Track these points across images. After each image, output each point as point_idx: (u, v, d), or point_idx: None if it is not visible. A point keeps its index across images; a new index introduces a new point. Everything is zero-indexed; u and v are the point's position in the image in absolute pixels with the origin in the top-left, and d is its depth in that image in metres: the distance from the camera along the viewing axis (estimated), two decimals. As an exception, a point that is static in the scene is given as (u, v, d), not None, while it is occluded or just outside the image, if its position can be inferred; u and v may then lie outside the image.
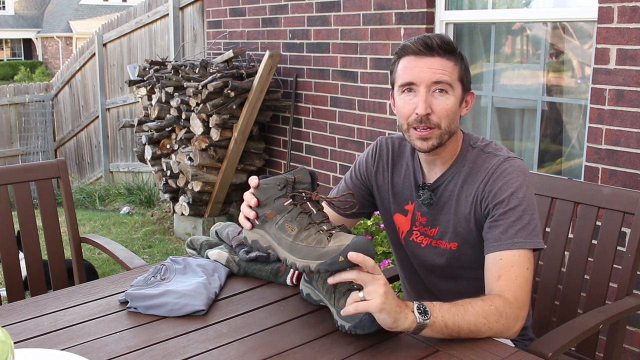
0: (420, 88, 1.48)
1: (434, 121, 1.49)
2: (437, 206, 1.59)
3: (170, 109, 4.56)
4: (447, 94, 1.49)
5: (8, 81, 22.45)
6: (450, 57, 1.50)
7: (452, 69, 1.50)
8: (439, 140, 1.51)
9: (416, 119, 1.49)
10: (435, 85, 1.48)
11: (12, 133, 8.13)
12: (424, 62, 1.48)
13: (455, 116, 1.52)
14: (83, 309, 1.52)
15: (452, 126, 1.51)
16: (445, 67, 1.48)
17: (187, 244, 1.87)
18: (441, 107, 1.49)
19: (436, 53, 1.48)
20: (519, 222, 1.45)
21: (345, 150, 4.01)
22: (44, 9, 32.74)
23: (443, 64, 1.48)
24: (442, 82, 1.48)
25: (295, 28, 4.27)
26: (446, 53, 1.49)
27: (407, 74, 1.50)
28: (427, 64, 1.48)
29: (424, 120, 1.48)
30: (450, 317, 1.29)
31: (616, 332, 1.82)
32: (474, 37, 3.43)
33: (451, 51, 1.50)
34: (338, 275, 1.28)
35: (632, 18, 2.50)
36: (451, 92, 1.50)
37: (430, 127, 1.49)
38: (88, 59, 7.71)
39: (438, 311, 1.29)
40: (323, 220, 1.36)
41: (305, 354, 1.29)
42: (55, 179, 2.30)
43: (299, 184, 1.38)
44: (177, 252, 4.66)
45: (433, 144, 1.51)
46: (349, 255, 1.24)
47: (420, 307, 1.28)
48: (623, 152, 2.57)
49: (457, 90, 1.51)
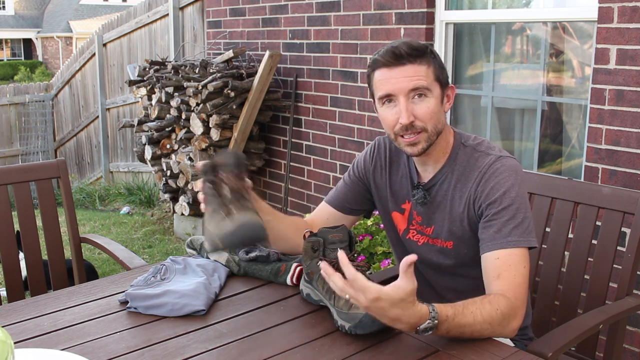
0: (399, 98, 1.49)
1: (419, 126, 1.50)
2: (432, 205, 1.60)
3: (170, 109, 4.56)
4: (427, 97, 1.50)
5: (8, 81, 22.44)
6: (422, 61, 1.50)
7: (426, 71, 1.50)
8: (427, 142, 1.52)
9: (401, 128, 1.51)
10: (413, 92, 1.49)
11: (12, 133, 8.14)
12: (396, 72, 1.49)
13: (439, 115, 1.53)
14: (83, 309, 1.52)
15: (438, 126, 1.53)
16: (417, 72, 1.49)
17: (187, 244, 1.87)
18: (423, 112, 1.50)
19: (406, 61, 1.49)
20: (512, 221, 1.45)
21: (345, 150, 4.01)
22: (44, 9, 32.74)
23: (415, 70, 1.49)
24: (419, 88, 1.49)
25: (295, 28, 4.27)
26: (416, 58, 1.49)
27: (384, 87, 1.51)
28: (400, 73, 1.49)
29: (409, 128, 1.50)
30: (456, 328, 1.29)
31: (616, 332, 1.82)
32: (474, 37, 3.43)
33: (421, 55, 1.50)
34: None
35: (632, 18, 2.50)
36: (430, 95, 1.50)
37: (418, 132, 1.51)
38: (88, 59, 7.71)
39: (445, 326, 1.27)
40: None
41: (305, 354, 1.29)
42: (55, 179, 2.30)
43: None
44: (177, 252, 4.66)
45: (423, 147, 1.52)
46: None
47: (428, 328, 1.24)
48: (623, 152, 2.57)
49: (436, 90, 1.52)
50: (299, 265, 1.64)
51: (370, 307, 1.21)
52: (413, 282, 1.19)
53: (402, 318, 1.21)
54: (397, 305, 1.19)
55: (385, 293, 1.19)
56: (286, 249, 1.72)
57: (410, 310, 1.21)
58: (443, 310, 1.26)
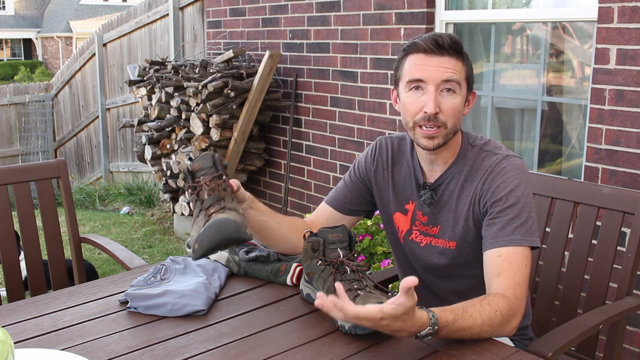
0: (429, 86, 1.48)
1: (441, 120, 1.49)
2: (439, 205, 1.59)
3: (170, 109, 4.56)
4: (455, 93, 1.50)
5: (8, 81, 22.45)
6: (459, 57, 1.51)
7: (461, 68, 1.50)
8: (444, 139, 1.51)
9: (424, 117, 1.49)
10: (444, 84, 1.48)
11: (12, 133, 8.13)
12: (434, 61, 1.48)
13: (461, 115, 1.53)
14: (83, 309, 1.52)
15: (457, 125, 1.53)
16: (454, 66, 1.49)
17: (187, 244, 1.87)
18: (449, 106, 1.49)
19: (446, 52, 1.48)
20: (517, 220, 1.45)
21: (345, 150, 4.01)
22: (44, 9, 32.74)
23: (452, 63, 1.49)
24: (452, 81, 1.48)
25: (295, 28, 4.27)
26: (455, 53, 1.49)
27: (417, 71, 1.49)
28: (437, 62, 1.48)
29: (432, 119, 1.48)
30: (455, 332, 1.29)
31: (616, 332, 1.82)
32: (474, 37, 3.43)
33: (460, 51, 1.51)
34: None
35: (632, 18, 2.50)
36: (458, 92, 1.50)
37: (438, 126, 1.49)
38: (88, 59, 7.71)
39: (445, 331, 1.27)
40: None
41: (305, 354, 1.29)
42: (55, 179, 2.30)
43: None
44: (177, 252, 4.65)
45: (439, 143, 1.51)
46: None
47: (430, 330, 1.24)
48: (623, 152, 2.57)
49: (464, 89, 1.52)
50: (299, 265, 1.64)
51: (374, 326, 1.21)
52: (414, 298, 1.18)
53: (403, 328, 1.21)
54: (399, 319, 1.19)
55: (387, 313, 1.18)
56: (285, 250, 1.71)
57: (410, 320, 1.21)
58: (443, 316, 1.26)
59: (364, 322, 1.20)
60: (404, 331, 1.22)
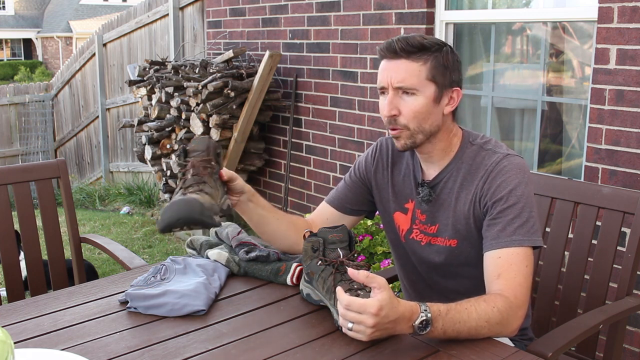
0: (389, 90, 1.51)
1: (401, 122, 1.51)
2: (437, 203, 1.60)
3: (170, 109, 4.56)
4: (415, 95, 1.50)
5: (8, 81, 22.44)
6: (417, 58, 1.49)
7: (419, 69, 1.48)
8: (410, 140, 1.53)
9: (387, 120, 1.54)
10: (398, 87, 1.50)
11: (12, 133, 8.13)
12: (391, 65, 1.51)
13: (429, 116, 1.51)
14: (83, 309, 1.52)
15: (424, 126, 1.52)
16: (408, 69, 1.48)
17: (187, 244, 1.87)
18: (408, 109, 1.50)
19: (399, 56, 1.49)
20: (517, 220, 1.45)
21: (345, 150, 4.01)
22: (44, 9, 32.74)
23: (406, 67, 1.49)
24: (403, 85, 1.49)
25: (295, 28, 4.27)
26: (410, 55, 1.49)
27: (379, 77, 1.54)
28: (393, 66, 1.50)
29: (392, 122, 1.52)
30: (451, 325, 1.29)
31: (616, 332, 1.82)
32: (474, 37, 3.43)
33: (416, 52, 1.48)
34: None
35: (632, 18, 2.50)
36: (419, 93, 1.49)
37: (399, 128, 1.52)
38: (88, 59, 7.71)
39: (440, 322, 1.28)
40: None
41: (305, 354, 1.29)
42: (55, 179, 2.30)
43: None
44: (177, 252, 4.65)
45: (405, 144, 1.54)
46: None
47: (423, 322, 1.26)
48: (623, 152, 2.57)
49: (428, 89, 1.50)
50: (299, 265, 1.64)
51: (379, 322, 1.22)
52: (381, 278, 1.24)
53: (390, 316, 1.23)
54: (390, 303, 1.22)
55: (380, 298, 1.22)
56: (285, 247, 1.72)
57: (398, 308, 1.24)
58: (434, 305, 1.29)
59: (362, 316, 1.23)
60: (403, 320, 1.24)
